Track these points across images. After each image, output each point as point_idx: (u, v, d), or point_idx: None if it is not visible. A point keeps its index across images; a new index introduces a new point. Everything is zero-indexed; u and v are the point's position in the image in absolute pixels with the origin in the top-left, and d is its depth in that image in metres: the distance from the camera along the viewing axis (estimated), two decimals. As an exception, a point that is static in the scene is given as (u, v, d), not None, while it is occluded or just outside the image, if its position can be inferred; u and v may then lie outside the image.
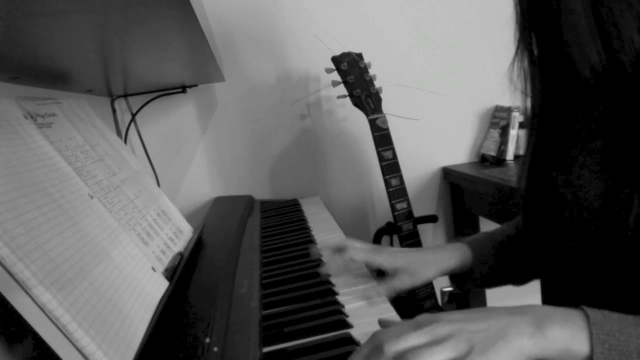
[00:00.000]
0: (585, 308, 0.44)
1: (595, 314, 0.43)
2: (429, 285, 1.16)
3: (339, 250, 0.72)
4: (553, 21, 0.53)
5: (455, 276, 0.77)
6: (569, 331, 0.42)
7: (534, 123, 0.66)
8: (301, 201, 1.29)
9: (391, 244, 1.33)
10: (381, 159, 1.13)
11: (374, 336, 0.45)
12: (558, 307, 0.45)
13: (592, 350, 0.41)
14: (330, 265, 0.73)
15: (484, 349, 0.40)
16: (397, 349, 0.42)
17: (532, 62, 0.61)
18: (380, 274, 0.73)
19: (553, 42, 0.55)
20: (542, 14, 0.55)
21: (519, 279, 0.77)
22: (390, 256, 0.70)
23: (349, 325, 0.58)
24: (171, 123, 1.34)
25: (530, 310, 0.44)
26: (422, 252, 0.73)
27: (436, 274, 0.71)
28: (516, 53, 0.62)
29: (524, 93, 0.64)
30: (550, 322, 0.42)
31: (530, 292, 0.81)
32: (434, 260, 0.71)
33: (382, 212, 1.46)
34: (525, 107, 0.66)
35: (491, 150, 1.45)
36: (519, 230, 0.76)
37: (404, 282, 0.68)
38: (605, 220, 0.54)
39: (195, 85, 1.29)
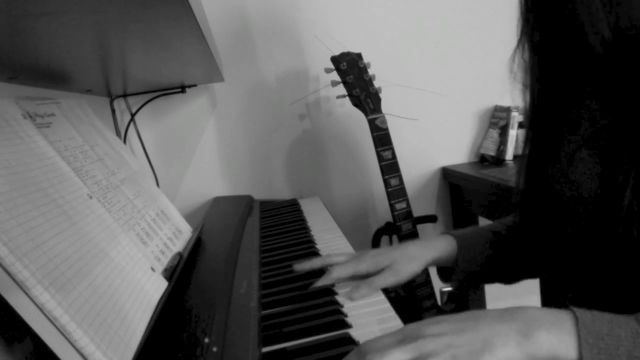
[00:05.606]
0: (575, 309, 0.43)
1: (585, 315, 0.43)
2: (429, 286, 1.16)
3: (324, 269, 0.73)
4: (565, 3, 0.54)
5: (441, 269, 0.77)
6: (557, 335, 0.42)
7: (532, 117, 0.66)
8: (300, 201, 1.29)
9: (390, 244, 1.33)
10: (380, 159, 1.13)
11: (359, 348, 0.44)
12: (548, 309, 0.44)
13: (580, 354, 0.40)
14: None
15: None
16: None
17: (533, 51, 0.62)
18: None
19: (562, 22, 0.56)
20: None
21: (508, 278, 0.77)
22: (373, 260, 0.70)
23: (348, 325, 0.58)
24: (170, 123, 1.34)
25: (518, 315, 0.44)
26: (404, 247, 0.73)
27: (420, 268, 0.71)
28: (518, 44, 0.63)
29: (524, 84, 0.65)
30: (537, 327, 0.42)
31: (530, 292, 0.81)
32: (417, 255, 0.71)
33: (382, 211, 1.46)
34: (525, 103, 0.66)
35: (490, 150, 1.45)
36: (510, 228, 0.76)
37: (386, 280, 0.68)
38: (601, 211, 0.54)
39: (194, 85, 1.29)
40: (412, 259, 0.70)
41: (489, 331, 0.42)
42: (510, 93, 0.68)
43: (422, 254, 0.72)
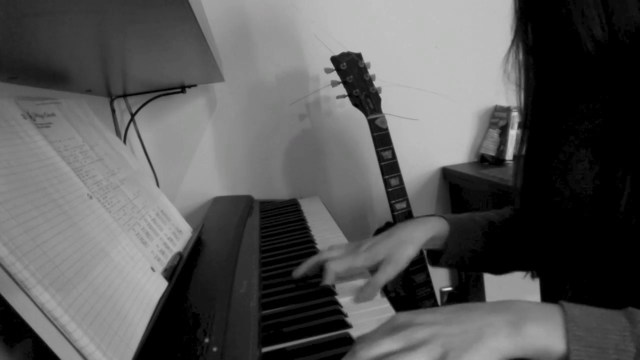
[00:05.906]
0: (564, 304, 0.44)
1: (574, 310, 0.43)
2: (429, 286, 1.16)
3: (320, 266, 0.72)
4: (558, 2, 0.54)
5: (431, 252, 0.78)
6: (546, 329, 0.42)
7: (527, 118, 0.66)
8: (300, 201, 1.29)
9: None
10: (380, 159, 1.13)
11: (353, 346, 0.44)
12: (540, 303, 0.45)
13: (568, 348, 0.41)
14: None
15: (459, 353, 0.40)
16: (371, 355, 0.42)
17: (526, 52, 0.62)
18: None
19: (555, 21, 0.57)
20: None
21: (498, 268, 0.77)
22: (369, 253, 0.70)
23: (348, 325, 0.58)
24: (170, 123, 1.34)
25: (509, 308, 0.44)
26: (397, 232, 0.72)
27: (415, 251, 0.71)
28: (512, 45, 0.63)
29: (518, 85, 0.65)
30: (528, 320, 0.42)
31: (530, 292, 0.81)
32: (412, 238, 0.71)
33: (382, 211, 1.46)
34: (520, 103, 0.66)
35: (490, 150, 1.45)
36: (505, 220, 0.77)
37: (387, 274, 0.68)
38: (599, 211, 0.54)
39: (194, 85, 1.29)
40: (407, 243, 0.71)
41: (480, 322, 0.43)
42: (504, 93, 0.68)
43: (416, 236, 0.72)
